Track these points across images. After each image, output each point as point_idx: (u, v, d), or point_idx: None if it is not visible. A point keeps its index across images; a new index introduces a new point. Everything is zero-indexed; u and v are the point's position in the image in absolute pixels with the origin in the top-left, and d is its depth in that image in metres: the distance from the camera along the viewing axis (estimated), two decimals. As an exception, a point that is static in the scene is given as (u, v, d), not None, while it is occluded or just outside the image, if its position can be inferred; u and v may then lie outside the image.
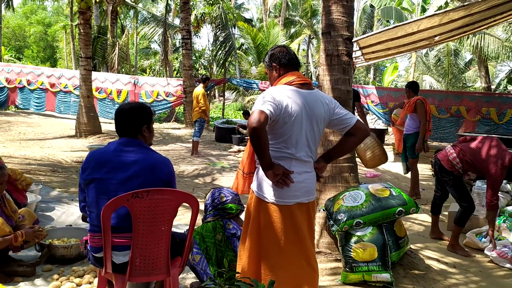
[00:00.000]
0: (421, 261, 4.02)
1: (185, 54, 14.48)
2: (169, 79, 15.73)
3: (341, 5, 3.83)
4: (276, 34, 22.40)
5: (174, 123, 16.96)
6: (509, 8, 9.24)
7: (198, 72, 25.85)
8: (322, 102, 2.56)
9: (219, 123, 12.80)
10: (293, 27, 32.29)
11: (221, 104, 25.94)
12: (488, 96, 13.91)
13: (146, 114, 2.68)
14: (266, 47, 21.58)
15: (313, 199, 2.60)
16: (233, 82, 15.48)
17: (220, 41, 15.98)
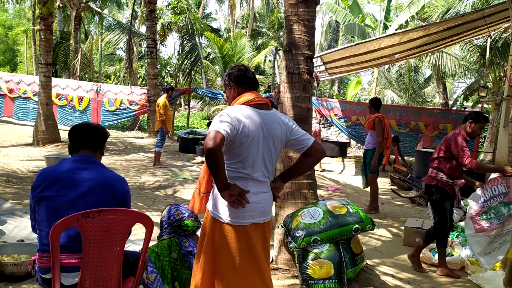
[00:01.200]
0: (377, 277, 4.08)
1: (150, 63, 14.32)
2: (133, 88, 15.50)
3: (303, 25, 3.89)
4: (243, 45, 22.53)
5: (137, 132, 16.69)
6: (464, 30, 9.67)
7: (164, 80, 25.61)
8: (279, 122, 2.58)
9: (183, 133, 12.69)
10: (260, 38, 32.57)
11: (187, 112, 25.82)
12: (445, 113, 14.43)
13: (106, 136, 2.72)
14: (232, 57, 21.64)
15: (269, 219, 2.61)
16: (199, 92, 15.42)
17: (186, 51, 15.91)
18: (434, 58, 17.45)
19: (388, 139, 6.56)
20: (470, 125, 4.22)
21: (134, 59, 19.96)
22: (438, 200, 4.33)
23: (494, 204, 4.20)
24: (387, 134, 6.53)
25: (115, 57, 34.12)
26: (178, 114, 29.88)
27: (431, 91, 27.51)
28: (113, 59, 34.10)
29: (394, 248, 5.16)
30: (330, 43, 36.62)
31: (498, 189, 4.20)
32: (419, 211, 7.10)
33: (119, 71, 28.48)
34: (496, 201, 4.20)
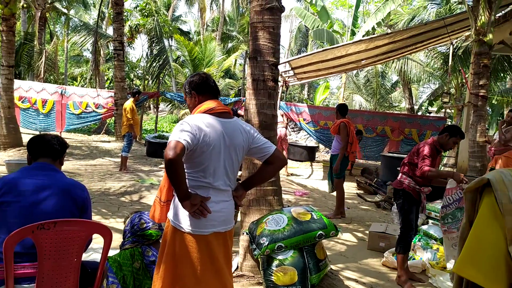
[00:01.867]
0: (341, 282, 4.13)
1: (118, 66, 14.08)
2: (99, 90, 15.18)
3: (268, 32, 3.91)
4: (213, 48, 22.43)
5: (104, 135, 16.37)
6: (428, 38, 9.95)
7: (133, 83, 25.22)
8: (241, 131, 2.58)
9: (150, 138, 12.52)
10: (230, 42, 32.54)
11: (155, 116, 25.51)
12: (410, 118, 14.78)
13: (65, 146, 2.74)
14: (202, 61, 21.52)
15: (231, 228, 2.60)
16: (167, 96, 15.25)
17: (155, 54, 15.71)
18: (400, 64, 17.88)
19: (353, 144, 6.66)
20: (445, 138, 4.31)
21: (101, 61, 19.58)
22: (404, 204, 4.39)
23: (450, 211, 4.33)
24: (352, 139, 6.63)
25: (82, 58, 33.42)
26: (147, 117, 29.50)
27: (397, 96, 28.14)
28: (80, 61, 33.38)
29: (359, 252, 5.23)
30: (300, 47, 36.96)
31: (452, 198, 4.34)
32: (384, 215, 7.22)
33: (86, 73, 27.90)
34: (452, 208, 4.32)
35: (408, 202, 4.33)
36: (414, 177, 4.32)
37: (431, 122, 14.12)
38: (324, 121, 14.18)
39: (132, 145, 9.76)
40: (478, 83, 8.10)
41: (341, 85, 20.81)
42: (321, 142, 14.84)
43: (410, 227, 4.35)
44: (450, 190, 4.35)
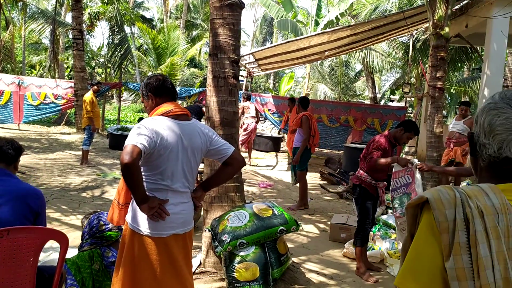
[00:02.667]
0: (302, 275, 4.22)
1: (77, 55, 13.67)
2: (58, 81, 14.72)
3: (228, 29, 3.89)
4: (177, 37, 22.07)
5: (64, 127, 15.94)
6: (388, 29, 10.14)
7: (95, 71, 24.54)
8: (199, 133, 2.58)
9: (113, 130, 12.28)
10: (194, 30, 32.10)
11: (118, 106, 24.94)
12: (373, 108, 15.08)
13: (20, 150, 2.69)
14: (166, 50, 21.15)
15: (190, 229, 2.61)
16: (130, 87, 14.94)
17: (116, 43, 15.33)
18: (362, 54, 18.17)
19: (315, 137, 6.76)
20: (400, 132, 4.41)
21: (60, 50, 18.95)
22: (361, 199, 4.50)
23: (398, 195, 4.38)
24: (314, 132, 6.72)
25: (40, 46, 32.22)
26: (110, 107, 28.85)
27: (361, 85, 28.63)
28: (39, 48, 32.17)
29: (321, 244, 5.34)
30: (265, 36, 36.94)
31: (400, 182, 4.37)
32: (346, 205, 7.40)
33: (45, 61, 26.91)
34: (400, 192, 4.35)
35: (366, 197, 4.45)
36: (371, 173, 4.43)
37: (393, 111, 14.46)
38: (288, 111, 14.26)
39: (94, 138, 9.55)
40: (435, 75, 8.34)
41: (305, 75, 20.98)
42: (286, 133, 14.95)
43: (367, 221, 4.48)
44: (397, 173, 4.40)
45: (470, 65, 19.11)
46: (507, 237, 1.01)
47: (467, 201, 1.04)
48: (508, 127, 1.09)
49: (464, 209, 1.02)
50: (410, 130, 4.37)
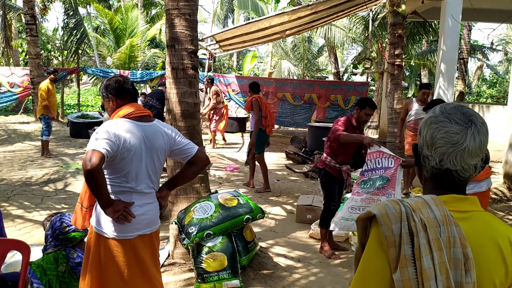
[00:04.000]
0: (270, 259, 4.32)
1: (31, 41, 13.10)
2: (13, 68, 14.13)
3: (184, 19, 3.83)
4: (135, 17, 21.45)
5: (22, 115, 15.39)
6: (347, 7, 10.19)
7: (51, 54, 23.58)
8: (162, 133, 2.57)
9: (73, 118, 11.96)
10: (153, 8, 31.20)
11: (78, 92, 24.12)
12: (335, 84, 15.26)
13: None
14: (124, 31, 20.56)
15: (156, 228, 2.62)
16: (89, 72, 14.51)
17: (71, 27, 14.75)
18: (324, 30, 18.23)
19: (268, 118, 6.84)
20: (357, 112, 4.50)
21: (13, 36, 18.10)
22: (326, 183, 4.61)
23: (375, 176, 4.29)
24: (266, 113, 6.81)
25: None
26: (69, 90, 27.97)
27: (324, 60, 28.78)
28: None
29: (288, 226, 5.45)
30: (226, 13, 36.43)
31: (382, 162, 4.31)
32: (312, 185, 7.54)
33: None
34: (377, 174, 4.28)
35: (331, 180, 4.55)
36: (334, 156, 4.53)
37: (355, 87, 14.69)
38: (253, 91, 14.24)
39: (53, 127, 9.28)
40: (394, 52, 8.50)
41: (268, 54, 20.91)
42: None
43: (333, 203, 4.60)
44: (372, 154, 4.41)
45: (428, 38, 19.50)
46: (449, 248, 1.08)
47: (411, 215, 1.09)
48: (448, 140, 1.15)
49: (409, 223, 1.08)
50: (364, 106, 4.44)
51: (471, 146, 1.14)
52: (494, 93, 25.73)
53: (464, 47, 16.49)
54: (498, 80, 27.24)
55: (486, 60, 27.74)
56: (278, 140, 13.13)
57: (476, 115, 1.17)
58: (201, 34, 28.89)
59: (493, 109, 9.71)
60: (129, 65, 18.97)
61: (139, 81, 14.94)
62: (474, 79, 29.32)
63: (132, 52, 19.09)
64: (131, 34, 20.54)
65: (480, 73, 29.66)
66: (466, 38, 16.63)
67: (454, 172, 1.16)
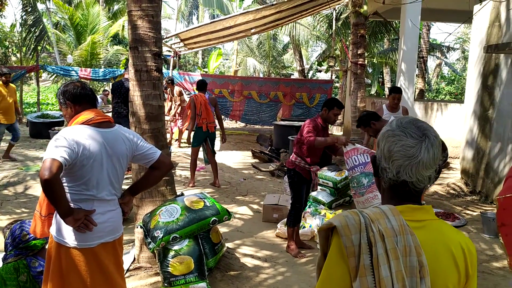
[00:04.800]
0: (237, 260, 4.34)
1: (-14, 38, 12.59)
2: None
3: (147, 21, 3.78)
4: (97, 13, 20.94)
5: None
6: (311, 6, 10.31)
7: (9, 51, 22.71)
8: (123, 139, 2.53)
9: (33, 118, 11.58)
10: (116, 3, 30.52)
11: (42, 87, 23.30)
12: (300, 82, 15.42)
13: None
14: (85, 27, 20.05)
15: (119, 236, 2.59)
16: (48, 70, 14.07)
17: (30, 24, 14.25)
18: (289, 28, 18.38)
19: (202, 115, 6.96)
20: (325, 112, 4.56)
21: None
22: (295, 184, 4.64)
23: (356, 174, 4.39)
24: (200, 111, 6.94)
25: None
26: (28, 88, 27.06)
27: (289, 57, 28.99)
28: None
29: (255, 226, 5.49)
30: (191, 9, 36.13)
31: (358, 159, 4.40)
32: (278, 184, 7.60)
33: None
34: (357, 171, 4.37)
35: (300, 180, 4.60)
36: (303, 157, 4.59)
37: (320, 85, 14.87)
38: (218, 89, 14.21)
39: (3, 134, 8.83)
40: (356, 52, 8.69)
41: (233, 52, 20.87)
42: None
43: (300, 203, 4.66)
44: (348, 153, 4.48)
45: (390, 36, 19.98)
46: (405, 256, 1.13)
47: (370, 226, 1.14)
48: (404, 153, 1.20)
49: (367, 234, 1.13)
50: (332, 106, 4.53)
51: (425, 158, 1.19)
52: (453, 89, 26.64)
53: (424, 46, 17.00)
54: (456, 78, 28.23)
55: (444, 58, 28.69)
56: (244, 138, 13.17)
57: (429, 129, 1.23)
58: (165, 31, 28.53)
59: (451, 106, 10.07)
60: (90, 63, 18.52)
61: (102, 79, 14.62)
62: (434, 76, 30.27)
63: (94, 49, 18.65)
64: (93, 31, 20.06)
65: (439, 71, 30.65)
66: (426, 37, 17.15)
67: (410, 183, 1.21)
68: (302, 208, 4.71)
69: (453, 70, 29.52)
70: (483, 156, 7.16)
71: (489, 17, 7.06)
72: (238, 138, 13.19)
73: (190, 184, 7.14)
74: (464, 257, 1.22)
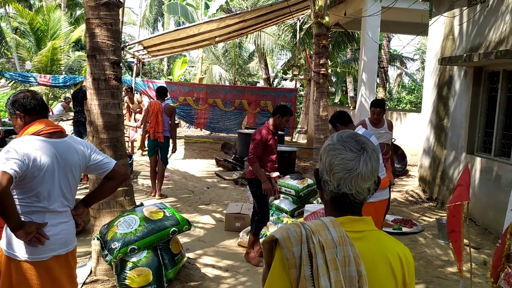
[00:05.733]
0: (197, 271, 4.32)
1: None
2: None
3: (106, 29, 3.74)
4: (58, 18, 20.46)
5: None
6: (275, 16, 10.45)
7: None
8: (76, 149, 2.49)
9: (-11, 125, 11.13)
10: (78, 9, 29.92)
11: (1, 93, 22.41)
12: (265, 91, 15.56)
13: None
14: (46, 33, 19.55)
15: (73, 248, 2.54)
16: (6, 76, 13.65)
17: (-14, 29, 13.78)
18: (253, 37, 18.52)
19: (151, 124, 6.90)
20: (278, 119, 4.65)
21: None
22: (258, 192, 4.65)
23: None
24: (150, 118, 6.93)
25: None
26: (-15, 95, 26.03)
27: (255, 65, 29.17)
28: None
29: (217, 235, 5.47)
30: (156, 16, 35.74)
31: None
32: (242, 192, 7.61)
33: None
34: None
35: (261, 189, 4.62)
36: (263, 165, 4.62)
37: (284, 93, 15.05)
38: (183, 97, 14.15)
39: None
40: (319, 62, 8.85)
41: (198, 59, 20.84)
42: (181, 118, 14.84)
43: (265, 211, 4.68)
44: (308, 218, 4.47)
45: (353, 46, 20.44)
46: (344, 266, 1.16)
47: (311, 237, 1.17)
48: (344, 166, 1.24)
49: (308, 245, 1.16)
50: (286, 114, 4.68)
51: (364, 171, 1.24)
52: (413, 99, 27.46)
53: (384, 56, 17.49)
54: (416, 87, 29.14)
55: (404, 68, 29.57)
56: (209, 146, 13.14)
57: (367, 143, 1.28)
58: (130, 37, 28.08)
59: (410, 115, 10.39)
60: (51, 69, 18.05)
61: (62, 86, 14.28)
62: (395, 86, 31.13)
63: (55, 54, 18.20)
64: (54, 36, 19.58)
65: (400, 80, 31.56)
66: (386, 48, 17.65)
67: (350, 195, 1.25)
68: (267, 216, 4.74)
69: (413, 80, 30.46)
70: (439, 164, 7.42)
71: (443, 30, 7.36)
72: (203, 146, 13.15)
73: (152, 193, 7.03)
74: (401, 266, 1.27)
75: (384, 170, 4.39)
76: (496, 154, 6.11)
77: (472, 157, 6.50)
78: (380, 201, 4.11)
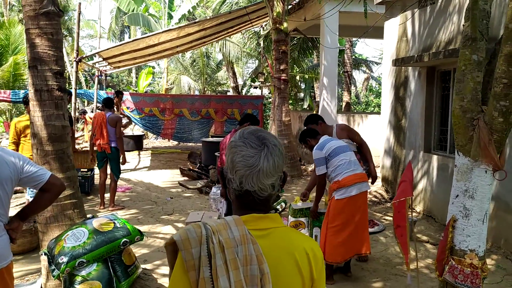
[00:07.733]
0: (154, 281, 4.23)
1: None
2: None
3: (47, 39, 3.65)
4: (20, 32, 20.00)
5: None
6: (235, 24, 10.47)
7: None
8: (7, 162, 2.40)
9: None
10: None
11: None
12: (231, 99, 15.55)
13: None
14: (7, 48, 19.06)
15: (7, 263, 2.44)
16: (-37, 92, 13.19)
17: None
18: (219, 45, 18.52)
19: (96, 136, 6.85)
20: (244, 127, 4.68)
21: None
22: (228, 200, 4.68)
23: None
24: (94, 131, 6.88)
25: None
26: None
27: (224, 75, 29.14)
28: None
29: (177, 245, 5.38)
30: (122, 28, 35.41)
31: None
32: (205, 200, 7.54)
33: None
34: None
35: None
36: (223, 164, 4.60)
37: (250, 101, 15.06)
38: (148, 107, 13.98)
39: None
40: (279, 67, 8.90)
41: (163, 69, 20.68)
42: (147, 130, 14.68)
43: None
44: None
45: (318, 52, 20.71)
46: (245, 265, 1.14)
47: (211, 237, 1.14)
48: (245, 163, 1.22)
49: (208, 246, 1.13)
50: (257, 122, 4.76)
51: (265, 167, 1.21)
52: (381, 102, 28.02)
53: (348, 61, 17.76)
54: (383, 90, 29.73)
55: (370, 72, 30.13)
56: (176, 156, 13.02)
57: (269, 138, 1.26)
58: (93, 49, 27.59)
59: (370, 117, 10.55)
60: (13, 84, 17.59)
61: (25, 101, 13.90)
62: (363, 89, 31.65)
63: (17, 70, 17.74)
64: (15, 51, 19.10)
65: (367, 84, 32.11)
66: (349, 53, 17.94)
67: (253, 192, 1.23)
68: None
69: (379, 83, 31.05)
70: (399, 163, 7.54)
71: (397, 32, 7.52)
72: (170, 156, 13.01)
73: (101, 206, 6.86)
74: (308, 262, 1.25)
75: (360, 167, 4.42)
76: (451, 151, 6.25)
77: (430, 155, 6.63)
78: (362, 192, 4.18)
